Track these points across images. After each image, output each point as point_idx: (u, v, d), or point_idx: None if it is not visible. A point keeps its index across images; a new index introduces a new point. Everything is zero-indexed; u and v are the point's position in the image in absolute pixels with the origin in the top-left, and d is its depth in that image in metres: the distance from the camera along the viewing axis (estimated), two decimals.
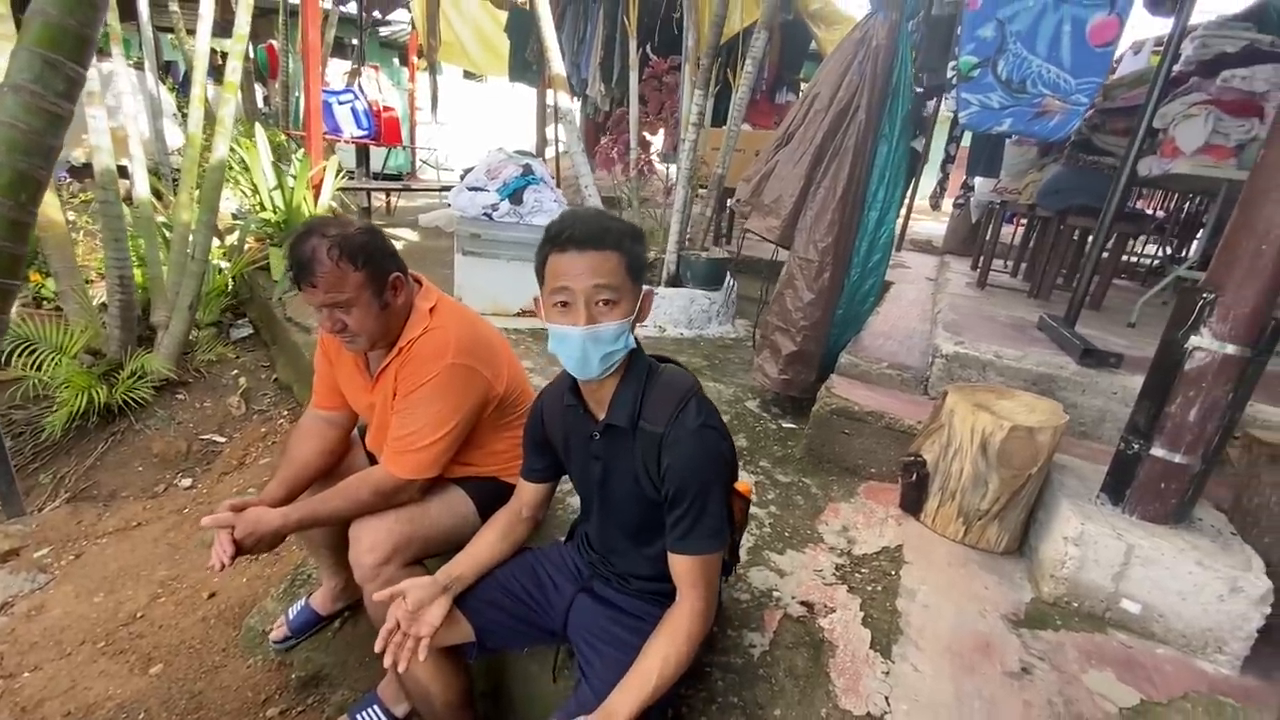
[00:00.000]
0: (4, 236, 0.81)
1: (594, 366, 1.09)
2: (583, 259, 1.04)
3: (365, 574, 1.36)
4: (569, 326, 1.06)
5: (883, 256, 2.72)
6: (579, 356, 1.07)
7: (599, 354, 1.07)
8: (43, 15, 0.80)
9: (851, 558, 1.82)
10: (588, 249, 1.04)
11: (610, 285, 1.04)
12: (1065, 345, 2.40)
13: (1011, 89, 2.15)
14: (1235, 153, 2.87)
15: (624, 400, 1.13)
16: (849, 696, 1.32)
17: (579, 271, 1.04)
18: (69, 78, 0.82)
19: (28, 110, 0.79)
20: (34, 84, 0.79)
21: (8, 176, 0.80)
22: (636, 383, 1.14)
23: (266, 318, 3.79)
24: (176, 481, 2.74)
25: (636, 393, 1.13)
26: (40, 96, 0.80)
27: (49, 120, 0.81)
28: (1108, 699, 1.39)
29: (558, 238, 1.06)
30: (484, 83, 12.40)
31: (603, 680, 1.07)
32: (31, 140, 0.81)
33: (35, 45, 0.80)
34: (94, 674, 1.81)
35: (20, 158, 0.80)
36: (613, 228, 1.06)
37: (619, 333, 1.07)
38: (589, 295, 1.04)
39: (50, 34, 0.79)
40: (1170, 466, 1.63)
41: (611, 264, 1.04)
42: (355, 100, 5.22)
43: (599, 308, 1.05)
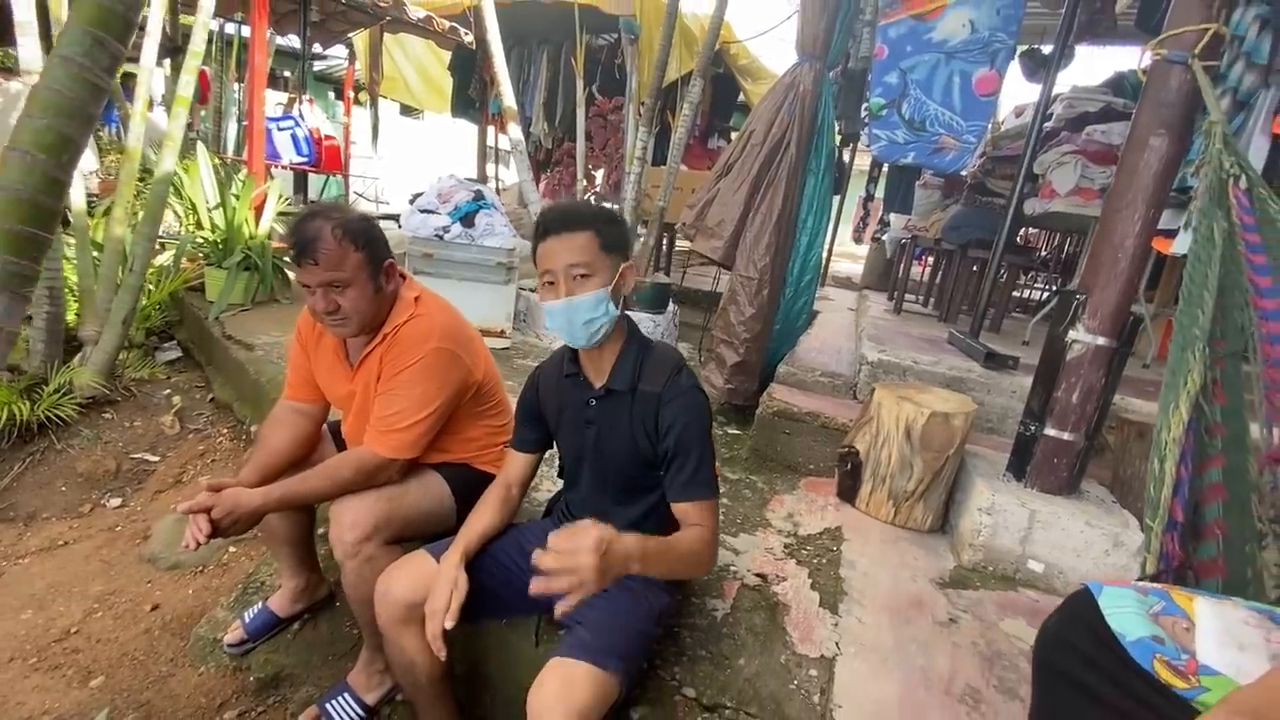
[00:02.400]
0: (45, 192, 0.87)
1: (580, 333, 1.23)
2: (559, 241, 1.20)
3: (346, 550, 1.39)
4: (553, 301, 1.21)
5: (813, 277, 3.00)
6: (566, 326, 1.23)
7: (581, 321, 1.21)
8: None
9: (797, 538, 1.99)
10: (562, 232, 1.21)
11: (583, 261, 1.20)
12: (971, 353, 2.73)
13: (913, 127, 2.49)
14: (1100, 194, 3.37)
15: (625, 366, 1.28)
16: (804, 644, 1.47)
17: (556, 253, 1.20)
18: (113, 54, 0.90)
19: (74, 80, 0.87)
20: (83, 57, 0.87)
21: (52, 137, 0.86)
22: (635, 352, 1.29)
23: (200, 338, 3.67)
24: (104, 501, 2.60)
25: (637, 360, 1.28)
26: (87, 69, 0.88)
27: (92, 90, 0.89)
28: (1021, 640, 1.59)
29: (540, 228, 1.23)
30: (421, 119, 12.49)
31: (594, 623, 1.15)
32: (75, 107, 0.87)
33: (86, 24, 0.88)
34: (27, 689, 1.70)
35: (64, 121, 0.87)
36: (583, 212, 1.24)
37: (596, 302, 1.21)
38: (566, 272, 1.20)
39: (100, 14, 0.88)
40: (1060, 443, 1.90)
41: (581, 242, 1.20)
42: (296, 127, 5.20)
43: (575, 282, 1.20)
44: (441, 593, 1.19)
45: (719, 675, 1.36)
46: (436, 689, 1.37)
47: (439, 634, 1.15)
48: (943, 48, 2.39)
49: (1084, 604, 0.78)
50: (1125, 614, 0.73)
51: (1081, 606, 0.79)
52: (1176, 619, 0.72)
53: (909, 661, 1.45)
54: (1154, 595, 0.75)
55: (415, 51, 7.73)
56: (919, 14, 2.38)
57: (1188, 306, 1.35)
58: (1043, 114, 2.72)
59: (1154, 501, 1.26)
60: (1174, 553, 1.21)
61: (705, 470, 1.24)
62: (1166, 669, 0.67)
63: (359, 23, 6.26)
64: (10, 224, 0.83)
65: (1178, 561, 1.22)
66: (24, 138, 0.85)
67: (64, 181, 0.89)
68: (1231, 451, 1.21)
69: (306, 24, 5.66)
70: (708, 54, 4.01)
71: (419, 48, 7.74)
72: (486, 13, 3.68)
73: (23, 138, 0.85)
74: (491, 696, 1.55)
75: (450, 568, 1.23)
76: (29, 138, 0.85)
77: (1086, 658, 0.74)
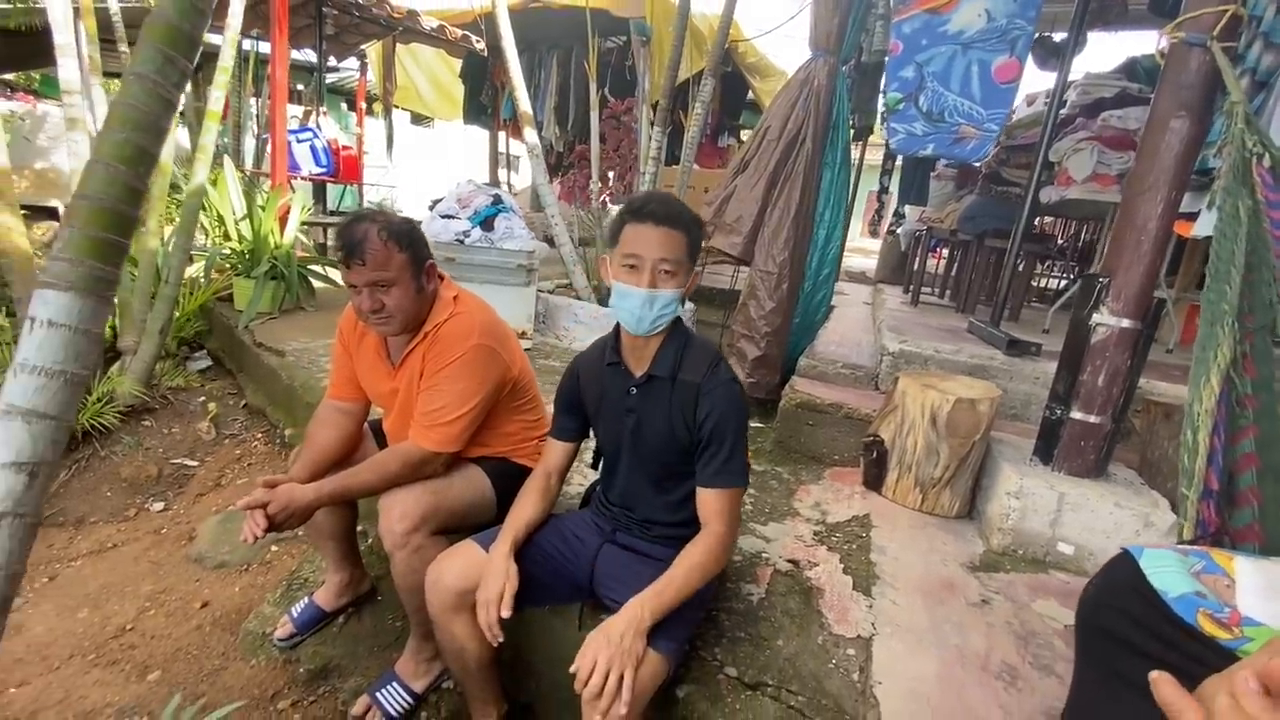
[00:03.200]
0: (125, 201, 0.92)
1: (646, 324, 1.27)
2: (656, 232, 1.22)
3: (395, 541, 1.44)
4: (633, 287, 1.24)
5: (831, 271, 3.03)
6: (637, 313, 1.26)
7: (653, 314, 1.25)
8: (164, 18, 0.93)
9: (826, 525, 2.02)
10: (662, 225, 1.23)
11: (674, 259, 1.23)
12: (992, 340, 2.74)
13: (932, 119, 2.52)
14: (1117, 180, 3.37)
15: (667, 356, 1.32)
16: (840, 625, 1.50)
17: (651, 242, 1.23)
18: (181, 71, 0.95)
19: (148, 95, 0.92)
20: (155, 74, 0.92)
21: (130, 150, 0.91)
22: (677, 342, 1.33)
23: (231, 346, 3.76)
24: (148, 505, 2.68)
25: (678, 350, 1.32)
26: (159, 85, 0.93)
27: (164, 105, 0.94)
28: (1054, 619, 1.61)
29: (639, 210, 1.24)
30: (431, 127, 12.64)
31: None
32: (150, 120, 0.92)
33: (157, 42, 0.93)
34: (88, 684, 1.78)
35: (140, 135, 0.92)
36: (684, 212, 1.26)
37: (672, 299, 1.26)
38: (655, 263, 1.23)
39: (170, 34, 0.93)
40: (1087, 426, 1.92)
41: (677, 241, 1.24)
42: (314, 138, 5.30)
43: (661, 275, 1.24)
44: (493, 582, 1.23)
45: (759, 655, 1.40)
46: (485, 674, 1.42)
47: (495, 621, 1.19)
48: (959, 39, 2.41)
49: (1126, 566, 0.81)
50: (1167, 572, 0.76)
51: (1123, 569, 0.81)
52: (1217, 577, 0.75)
53: (945, 641, 1.47)
54: (1194, 555, 0.78)
55: (427, 60, 7.84)
56: (933, 8, 2.40)
57: (1215, 283, 1.37)
58: (1059, 101, 2.73)
59: (1188, 471, 1.28)
60: (1210, 519, 1.23)
61: (737, 460, 1.27)
62: (1210, 622, 0.70)
63: (373, 34, 6.36)
64: (95, 231, 0.89)
65: (1214, 528, 1.24)
66: (105, 150, 0.90)
67: (141, 191, 0.94)
68: (1264, 422, 1.22)
69: (322, 37, 5.77)
70: (719, 53, 4.05)
71: (430, 57, 7.85)
72: (501, 19, 3.74)
73: (103, 150, 0.91)
74: (536, 681, 1.60)
75: (500, 558, 1.27)
76: (109, 150, 0.90)
77: (1132, 617, 0.76)
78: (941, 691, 1.30)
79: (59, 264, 0.90)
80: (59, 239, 0.91)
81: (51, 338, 0.88)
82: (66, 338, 0.89)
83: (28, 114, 6.40)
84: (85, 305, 0.91)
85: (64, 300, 0.89)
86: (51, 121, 6.51)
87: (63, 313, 0.89)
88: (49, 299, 0.89)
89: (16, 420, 0.86)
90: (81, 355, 0.91)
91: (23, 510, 0.87)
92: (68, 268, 0.90)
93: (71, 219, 0.91)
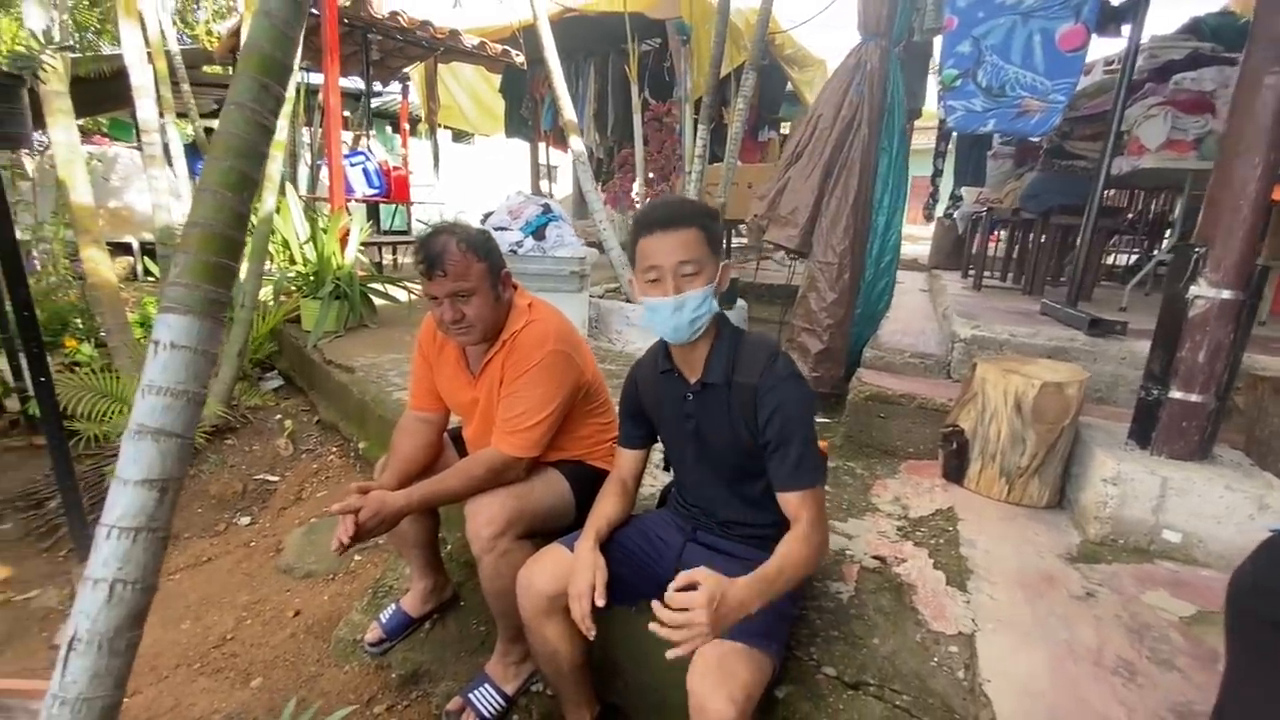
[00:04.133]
0: (233, 225, 0.96)
1: (684, 330, 1.24)
2: (666, 238, 1.20)
3: (483, 546, 1.47)
4: (659, 298, 1.22)
5: (893, 257, 2.95)
6: (671, 323, 1.23)
7: (687, 319, 1.23)
8: (257, 48, 0.98)
9: (909, 520, 1.96)
10: (670, 229, 1.21)
11: (691, 258, 1.20)
12: (1071, 321, 2.61)
13: (992, 94, 2.42)
14: (1194, 146, 3.18)
15: (718, 360, 1.29)
16: (938, 622, 1.45)
17: (664, 249, 1.20)
18: (276, 98, 1.00)
19: (248, 123, 0.96)
20: (253, 102, 0.96)
21: (235, 176, 0.95)
22: (728, 344, 1.30)
23: (301, 365, 3.91)
24: (236, 519, 2.81)
25: (729, 352, 1.29)
26: (257, 112, 0.97)
27: (262, 132, 0.98)
28: (1167, 611, 1.52)
29: (645, 222, 1.23)
30: (472, 144, 12.93)
31: None
32: (250, 147, 0.97)
33: (253, 72, 0.97)
34: (195, 692, 1.87)
35: (243, 161, 0.96)
36: (689, 208, 1.25)
37: (702, 299, 1.23)
38: (674, 269, 1.20)
39: (264, 63, 0.97)
40: (1188, 406, 1.81)
41: (690, 238, 1.21)
42: (366, 161, 5.49)
43: (683, 279, 1.21)
44: (583, 576, 1.23)
45: (856, 654, 1.36)
46: (578, 675, 1.43)
47: (587, 614, 1.19)
48: (1018, 9, 2.31)
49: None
50: None
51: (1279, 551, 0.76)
52: None
53: (1051, 635, 1.40)
54: None
55: (467, 78, 8.03)
56: None
57: None
58: (1131, 66, 2.59)
59: None
60: None
61: (809, 458, 1.22)
62: None
63: (416, 56, 6.55)
64: (207, 256, 0.93)
65: None
66: (212, 178, 0.95)
67: (246, 215, 0.98)
68: None
69: (369, 63, 5.96)
70: (760, 46, 4.01)
71: (471, 74, 8.03)
72: (543, 29, 3.79)
73: (211, 178, 0.95)
74: (625, 682, 1.59)
75: (587, 552, 1.28)
76: (216, 178, 0.94)
77: None
78: (1056, 689, 1.24)
79: (177, 289, 0.94)
80: (175, 264, 0.96)
81: (174, 359, 0.93)
82: (188, 359, 0.94)
83: (101, 155, 6.82)
84: (203, 327, 0.95)
85: (184, 323, 0.94)
86: (122, 162, 6.94)
87: (183, 335, 0.93)
88: (170, 322, 0.93)
89: (146, 439, 0.91)
90: (200, 375, 0.96)
91: (155, 525, 0.92)
92: (185, 292, 0.94)
93: (185, 245, 0.95)
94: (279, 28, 1.00)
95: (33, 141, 2.42)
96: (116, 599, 0.87)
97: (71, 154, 2.85)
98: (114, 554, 0.88)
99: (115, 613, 0.87)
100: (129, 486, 0.89)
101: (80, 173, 2.92)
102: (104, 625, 0.86)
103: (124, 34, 2.89)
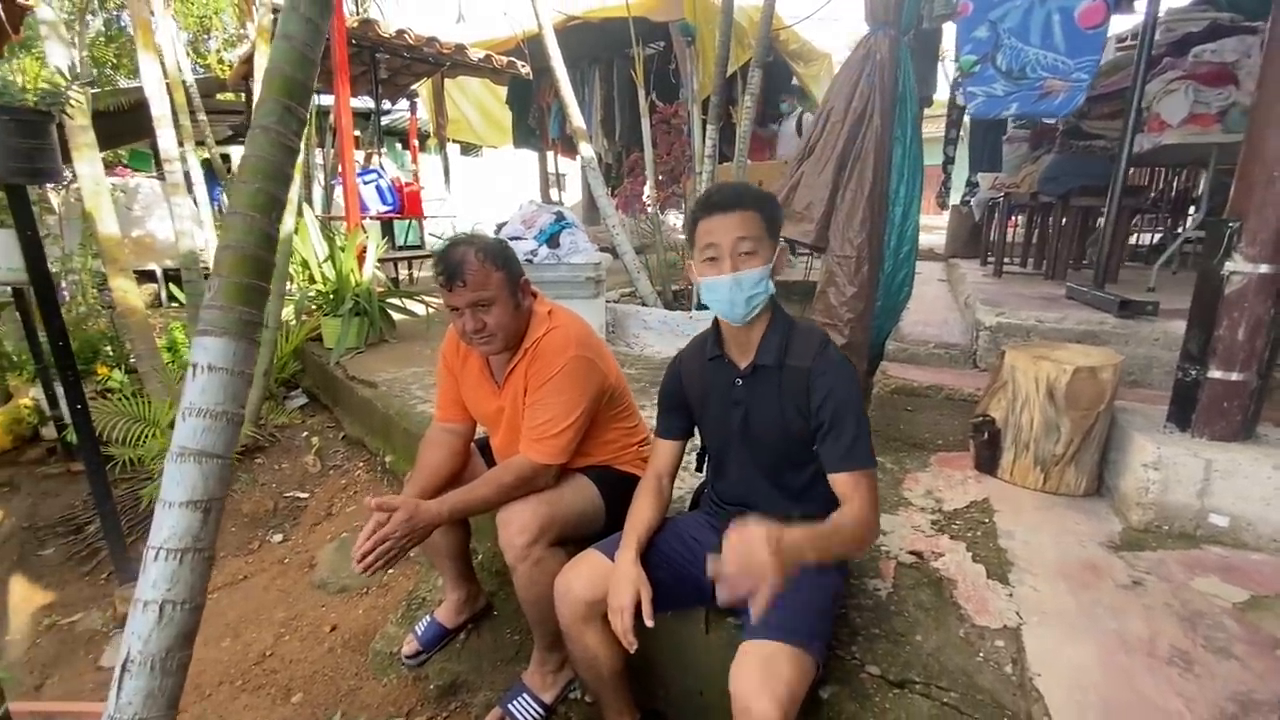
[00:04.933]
0: (262, 247, 0.97)
1: (740, 308, 1.25)
2: (726, 219, 1.23)
3: (517, 554, 1.47)
4: (717, 276, 1.24)
5: (911, 248, 2.91)
6: (728, 300, 1.25)
7: (744, 297, 1.24)
8: (280, 72, 0.99)
9: (943, 513, 1.92)
10: (730, 210, 1.23)
11: (750, 237, 1.23)
12: (1100, 304, 2.56)
13: (1012, 77, 2.38)
14: (1219, 118, 3.11)
15: (772, 343, 1.30)
16: (981, 616, 1.42)
17: (723, 229, 1.23)
18: (299, 119, 1.01)
19: (273, 145, 0.97)
20: (277, 124, 0.97)
21: (263, 199, 0.97)
22: (781, 329, 1.31)
23: (325, 382, 3.96)
24: (268, 537, 2.85)
25: (783, 335, 1.30)
26: (282, 134, 0.98)
27: (287, 153, 0.99)
28: (1219, 597, 1.48)
29: (705, 204, 1.26)
30: (479, 156, 13.06)
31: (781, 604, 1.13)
32: (276, 169, 0.98)
33: (277, 94, 0.99)
34: (238, 709, 1.89)
35: (270, 183, 0.98)
36: (749, 191, 1.26)
37: (760, 278, 1.24)
38: (732, 247, 1.22)
39: (287, 85, 0.98)
40: (1229, 385, 1.76)
41: (749, 219, 1.23)
42: (379, 179, 5.55)
43: (741, 257, 1.23)
44: (625, 589, 1.23)
45: (899, 652, 1.34)
46: (618, 682, 1.42)
47: (630, 628, 1.19)
48: None
49: None
50: None
51: None
52: None
53: (1099, 626, 1.37)
54: None
55: (474, 91, 8.11)
56: None
57: None
58: (1150, 39, 2.54)
59: None
60: None
61: (863, 441, 1.23)
62: None
63: (423, 73, 6.63)
64: (240, 278, 0.94)
65: None
66: (241, 201, 0.96)
67: (275, 237, 1.00)
68: None
69: (378, 82, 6.05)
70: (765, 43, 3.99)
71: (477, 87, 8.10)
72: (548, 39, 3.81)
73: (240, 201, 0.96)
74: (666, 689, 1.59)
75: (628, 564, 1.27)
76: (245, 201, 0.96)
77: None
78: (1109, 681, 1.21)
79: (212, 312, 0.96)
80: (210, 287, 0.97)
81: (213, 381, 0.94)
82: (225, 380, 0.95)
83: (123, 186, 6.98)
84: (238, 348, 0.96)
85: (220, 345, 0.95)
86: (143, 192, 7.09)
87: (220, 357, 0.95)
88: (207, 345, 0.95)
89: (189, 461, 0.92)
90: (238, 396, 0.97)
91: (201, 545, 0.93)
92: (220, 314, 0.96)
93: (219, 268, 0.97)
94: (299, 50, 1.01)
95: (63, 175, 2.47)
96: (167, 619, 0.88)
97: (97, 186, 2.92)
98: (162, 575, 0.89)
99: (166, 633, 0.88)
100: (174, 508, 0.90)
101: (106, 204, 2.99)
102: (156, 646, 0.88)
103: (143, 66, 2.95)
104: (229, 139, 9.08)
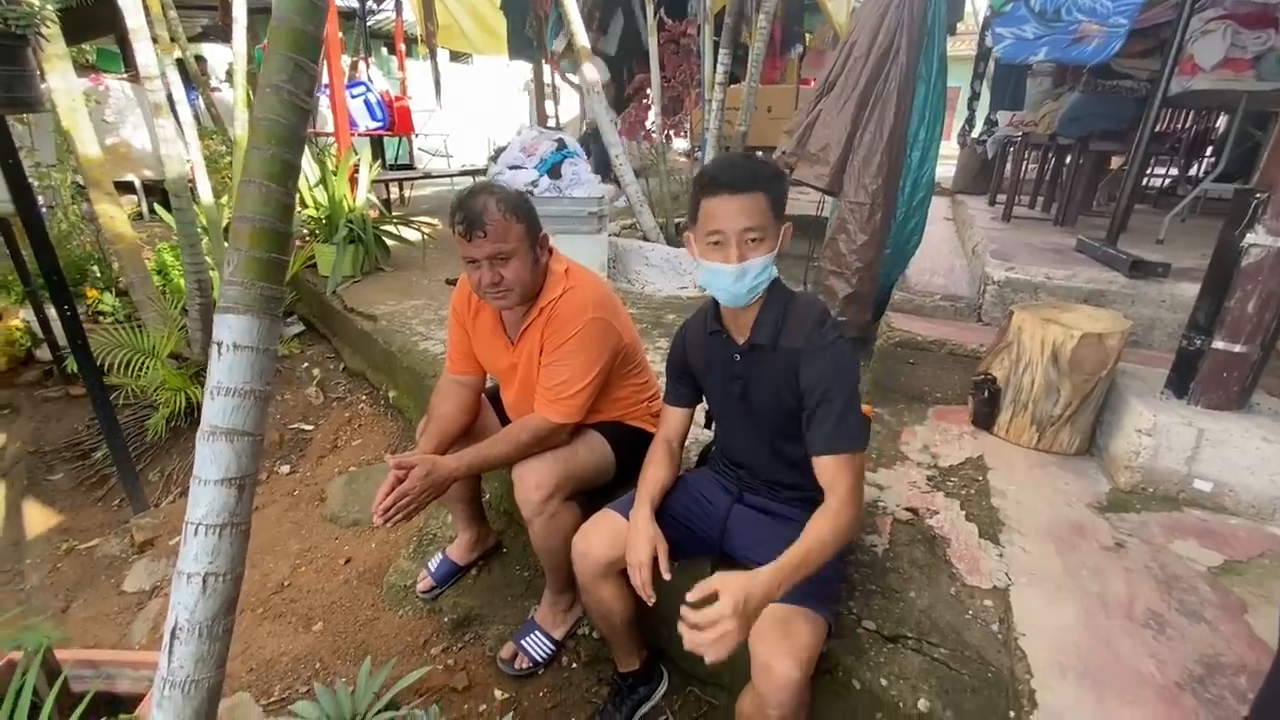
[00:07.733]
0: (280, 218, 0.93)
1: (742, 297, 1.24)
2: (733, 202, 1.16)
3: (534, 509, 1.52)
4: (721, 264, 1.20)
5: (925, 195, 2.84)
6: (730, 290, 1.22)
7: (747, 286, 1.22)
8: (289, 23, 0.91)
9: (939, 470, 1.99)
10: (738, 193, 1.16)
11: (758, 225, 1.18)
12: (1111, 262, 2.54)
13: (1045, 19, 2.25)
14: (1253, 64, 2.98)
15: (766, 322, 1.28)
16: (973, 576, 1.50)
17: (730, 213, 1.17)
18: (310, 75, 0.94)
19: (285, 105, 0.91)
20: (288, 83, 0.91)
21: (278, 166, 0.91)
22: (778, 306, 1.28)
23: (322, 312, 3.91)
24: (277, 469, 2.91)
25: (778, 315, 1.28)
26: (294, 94, 0.92)
27: (300, 113, 0.93)
28: (1195, 561, 1.57)
29: (711, 183, 1.18)
30: (470, 64, 12.31)
31: None
32: (289, 132, 0.92)
33: (286, 49, 0.91)
34: (263, 635, 2.00)
35: (284, 149, 0.92)
36: (759, 171, 1.19)
37: (764, 266, 1.21)
38: (739, 235, 1.18)
39: (296, 39, 0.91)
40: (1231, 357, 1.79)
41: (759, 204, 1.17)
42: (367, 92, 5.25)
43: (748, 245, 1.18)
44: (642, 546, 1.28)
45: (893, 608, 1.42)
46: (628, 629, 1.51)
47: (649, 582, 1.25)
48: None
49: None
50: None
51: None
52: None
53: (1083, 588, 1.46)
54: None
55: None
56: None
57: None
58: None
59: None
60: None
61: (849, 422, 1.21)
62: None
63: None
64: (259, 252, 0.91)
65: None
66: (255, 169, 0.91)
67: (292, 207, 0.96)
68: None
69: None
70: None
71: None
72: None
73: (254, 169, 0.91)
74: (670, 630, 1.67)
75: (644, 521, 1.32)
76: (260, 168, 0.91)
77: None
78: (1088, 642, 1.30)
79: (233, 288, 0.93)
80: (228, 262, 0.94)
81: (239, 360, 0.93)
82: (251, 358, 0.94)
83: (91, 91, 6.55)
84: (262, 325, 0.95)
85: (243, 323, 0.93)
86: (114, 97, 6.65)
87: (244, 335, 0.93)
88: (231, 323, 0.93)
89: (220, 440, 0.93)
90: (265, 372, 0.96)
91: (238, 520, 0.95)
92: (242, 291, 0.93)
93: (236, 242, 0.93)
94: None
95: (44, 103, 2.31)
96: (210, 591, 0.92)
97: (73, 102, 2.74)
98: (203, 549, 0.91)
99: (210, 603, 0.92)
100: (209, 486, 0.92)
101: (84, 122, 2.82)
102: (201, 615, 0.92)
103: None
104: (200, 36, 8.46)
